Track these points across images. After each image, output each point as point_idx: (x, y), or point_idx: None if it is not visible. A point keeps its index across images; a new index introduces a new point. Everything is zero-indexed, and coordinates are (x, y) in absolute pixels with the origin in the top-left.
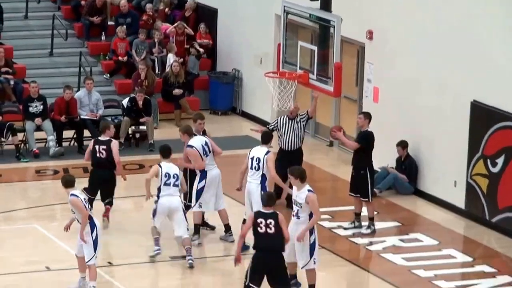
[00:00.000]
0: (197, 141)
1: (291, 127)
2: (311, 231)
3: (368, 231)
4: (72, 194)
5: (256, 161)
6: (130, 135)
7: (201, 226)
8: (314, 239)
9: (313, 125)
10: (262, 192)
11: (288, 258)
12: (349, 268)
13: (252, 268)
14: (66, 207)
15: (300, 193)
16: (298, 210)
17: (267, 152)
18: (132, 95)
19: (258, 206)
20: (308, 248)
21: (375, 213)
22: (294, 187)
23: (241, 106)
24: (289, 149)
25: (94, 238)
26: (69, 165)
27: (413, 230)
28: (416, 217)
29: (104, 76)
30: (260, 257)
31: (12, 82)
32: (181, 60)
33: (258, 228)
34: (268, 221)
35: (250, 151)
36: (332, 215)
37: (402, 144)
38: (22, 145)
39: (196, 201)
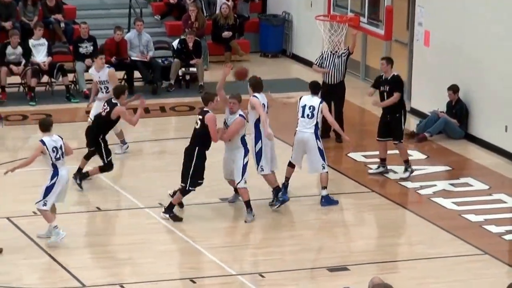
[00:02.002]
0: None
1: (332, 62)
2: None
3: (407, 174)
4: (41, 140)
5: (310, 109)
6: (180, 77)
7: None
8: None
9: (364, 68)
10: (317, 142)
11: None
12: (399, 211)
13: None
14: (115, 148)
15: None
16: None
17: (322, 101)
18: (182, 37)
19: (313, 154)
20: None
21: (425, 157)
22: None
23: (291, 48)
24: (331, 82)
25: (49, 184)
26: None
27: (463, 175)
28: (466, 161)
29: (155, 17)
30: None
31: (63, 24)
32: (231, 2)
33: None
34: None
35: (300, 99)
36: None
37: (453, 88)
38: (72, 85)
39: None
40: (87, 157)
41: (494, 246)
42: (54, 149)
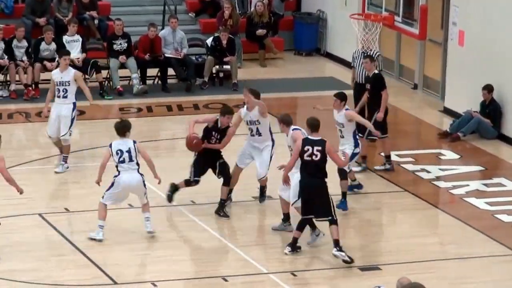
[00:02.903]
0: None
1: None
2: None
3: (382, 167)
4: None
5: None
6: (214, 74)
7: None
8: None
9: (398, 68)
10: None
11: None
12: (432, 211)
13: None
14: (150, 145)
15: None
16: None
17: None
18: (216, 34)
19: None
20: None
21: (458, 156)
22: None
23: (326, 47)
24: (362, 81)
25: (110, 183)
26: (153, 103)
27: (496, 175)
28: (499, 161)
29: (190, 14)
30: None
31: (97, 20)
32: (266, 0)
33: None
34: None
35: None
36: (415, 158)
37: (488, 88)
38: (106, 82)
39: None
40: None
41: None
42: (118, 151)
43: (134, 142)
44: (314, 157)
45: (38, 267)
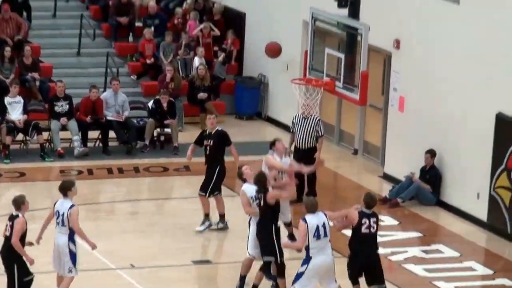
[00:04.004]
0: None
1: (304, 126)
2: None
3: (203, 227)
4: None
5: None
6: (155, 138)
7: None
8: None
9: (338, 133)
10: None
11: None
12: None
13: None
14: (90, 208)
15: None
16: None
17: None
18: (157, 97)
19: None
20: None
21: (397, 222)
22: None
23: (267, 111)
24: (303, 147)
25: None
26: (94, 166)
27: (435, 241)
28: (438, 228)
29: (132, 77)
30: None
31: (39, 82)
32: (206, 64)
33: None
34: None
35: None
36: None
37: (431, 152)
38: (47, 144)
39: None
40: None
41: None
42: (56, 212)
43: (71, 206)
44: None
45: None
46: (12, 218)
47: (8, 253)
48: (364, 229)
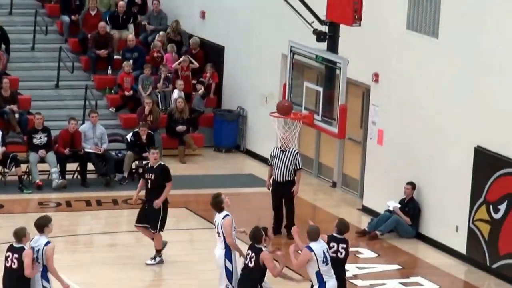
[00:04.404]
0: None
1: (282, 159)
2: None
3: (153, 261)
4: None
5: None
6: (134, 170)
7: None
8: None
9: (317, 166)
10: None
11: None
12: None
13: None
14: (68, 240)
15: None
16: None
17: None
18: (136, 130)
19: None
20: None
21: (376, 255)
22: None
23: (245, 144)
24: (281, 180)
25: None
26: (72, 198)
27: (414, 274)
28: (417, 260)
29: (110, 109)
30: None
31: (17, 114)
32: (185, 97)
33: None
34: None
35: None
36: None
37: (412, 184)
38: (25, 176)
39: None
40: None
41: None
42: (32, 248)
43: (47, 243)
44: None
45: None
46: (14, 250)
47: (18, 286)
48: (331, 253)
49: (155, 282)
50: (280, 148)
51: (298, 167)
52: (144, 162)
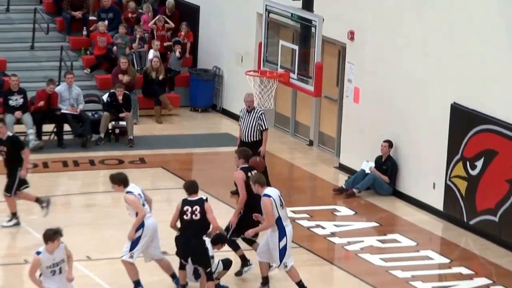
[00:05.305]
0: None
1: (248, 119)
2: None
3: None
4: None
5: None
6: (110, 131)
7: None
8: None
9: (293, 124)
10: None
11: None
12: (327, 267)
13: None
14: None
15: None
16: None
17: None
18: (112, 90)
19: None
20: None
21: (353, 212)
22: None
23: (222, 103)
24: (246, 140)
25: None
26: (49, 159)
27: (391, 231)
28: (394, 218)
29: (85, 71)
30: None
31: None
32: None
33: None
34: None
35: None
36: (310, 214)
37: (389, 142)
38: None
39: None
40: None
41: None
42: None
43: (38, 253)
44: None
45: None
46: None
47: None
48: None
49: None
50: (246, 109)
51: (264, 128)
52: (121, 122)
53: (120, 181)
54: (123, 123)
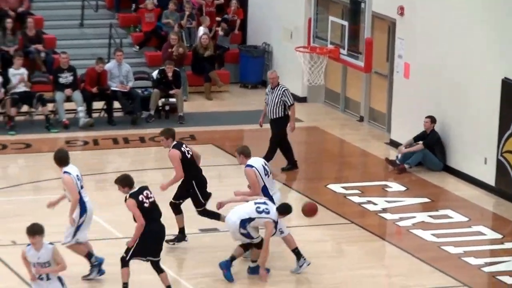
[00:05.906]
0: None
1: (271, 97)
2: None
3: None
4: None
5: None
6: (160, 107)
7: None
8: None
9: (343, 100)
10: None
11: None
12: (378, 243)
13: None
14: (96, 178)
15: None
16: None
17: None
18: (162, 67)
19: None
20: None
21: (405, 188)
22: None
23: None
24: (270, 117)
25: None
26: (99, 136)
27: (442, 207)
28: (445, 193)
29: (134, 48)
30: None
31: (43, 54)
32: (211, 33)
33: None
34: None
35: None
36: (361, 190)
37: (431, 118)
38: (52, 115)
39: None
40: None
41: (473, 278)
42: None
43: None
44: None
45: None
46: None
47: None
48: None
49: (185, 217)
50: (270, 86)
51: (290, 103)
52: (170, 99)
53: (57, 160)
54: (173, 100)
